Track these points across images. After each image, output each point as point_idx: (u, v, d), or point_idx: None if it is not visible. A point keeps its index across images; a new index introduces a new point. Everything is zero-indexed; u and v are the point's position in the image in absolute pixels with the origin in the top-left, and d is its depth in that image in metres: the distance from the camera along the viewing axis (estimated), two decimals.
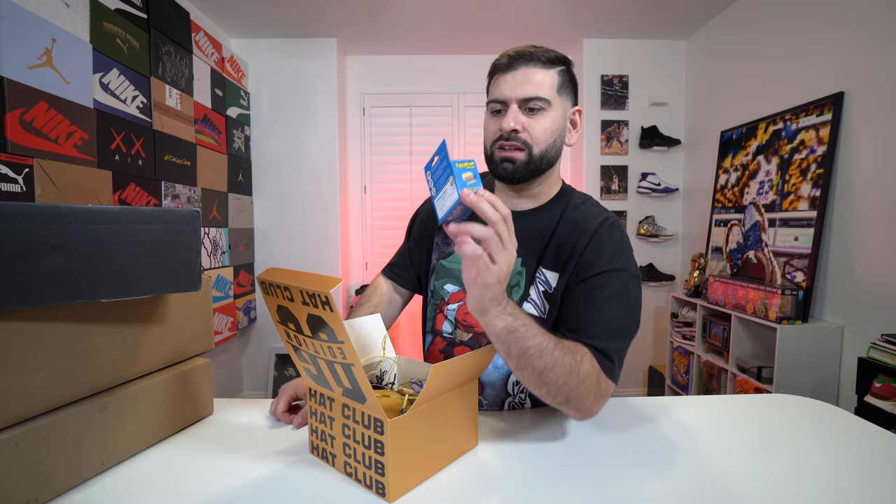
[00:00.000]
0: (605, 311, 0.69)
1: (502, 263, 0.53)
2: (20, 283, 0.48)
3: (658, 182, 2.88)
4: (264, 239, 2.90)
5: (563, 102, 0.78)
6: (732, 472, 0.61)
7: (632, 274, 0.73)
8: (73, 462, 0.56)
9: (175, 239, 0.62)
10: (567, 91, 0.78)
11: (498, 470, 0.62)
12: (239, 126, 2.69)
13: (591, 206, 0.81)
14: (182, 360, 0.76)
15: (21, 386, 0.51)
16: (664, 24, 2.68)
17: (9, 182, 1.26)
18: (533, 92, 0.74)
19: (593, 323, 0.69)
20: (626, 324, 0.71)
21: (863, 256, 1.68)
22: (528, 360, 0.59)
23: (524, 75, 0.74)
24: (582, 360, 0.63)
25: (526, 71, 0.74)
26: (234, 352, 2.82)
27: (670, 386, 2.61)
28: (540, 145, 0.76)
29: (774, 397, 0.89)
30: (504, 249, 0.52)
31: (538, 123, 0.75)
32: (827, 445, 0.69)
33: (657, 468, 0.62)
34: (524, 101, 0.74)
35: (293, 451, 0.67)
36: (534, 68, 0.75)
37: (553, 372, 0.60)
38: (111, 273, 0.56)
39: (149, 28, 1.88)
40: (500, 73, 0.77)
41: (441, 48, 3.00)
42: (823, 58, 1.87)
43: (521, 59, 0.75)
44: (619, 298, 0.71)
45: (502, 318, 0.57)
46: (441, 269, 0.89)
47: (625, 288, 0.71)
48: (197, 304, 0.78)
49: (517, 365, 0.60)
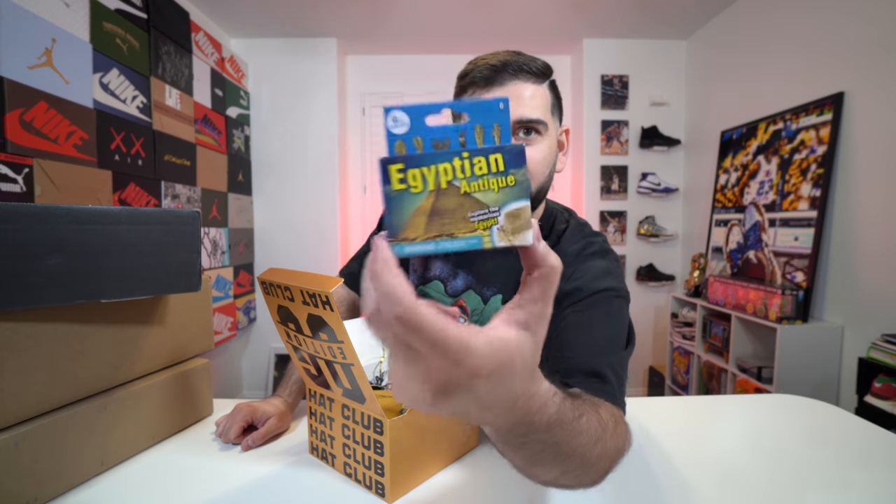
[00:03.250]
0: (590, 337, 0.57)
1: (413, 384, 0.25)
2: (20, 283, 0.48)
3: (658, 182, 2.88)
4: (264, 239, 2.90)
5: (555, 123, 0.66)
6: (732, 472, 0.61)
7: (618, 294, 0.62)
8: (73, 462, 0.56)
9: (175, 239, 0.62)
10: (557, 109, 0.66)
11: (498, 470, 0.62)
12: (239, 126, 2.69)
13: (573, 233, 0.70)
14: (182, 360, 0.76)
15: (21, 386, 0.51)
16: (664, 24, 2.68)
17: (9, 182, 1.26)
18: (529, 113, 0.60)
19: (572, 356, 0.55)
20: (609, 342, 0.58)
21: (863, 256, 1.68)
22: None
23: (515, 91, 0.60)
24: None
25: (516, 86, 0.60)
26: (234, 352, 2.82)
27: (670, 386, 2.61)
28: (538, 179, 0.63)
29: (774, 397, 0.89)
30: (419, 361, 0.24)
31: (535, 153, 0.61)
32: (827, 445, 0.69)
33: (657, 468, 0.62)
34: (517, 124, 0.60)
35: (293, 451, 0.67)
36: (524, 82, 0.60)
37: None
38: (111, 273, 0.56)
39: (149, 28, 1.88)
40: (478, 87, 0.61)
41: (441, 48, 3.00)
42: (823, 58, 1.87)
43: (507, 71, 0.60)
44: (604, 321, 0.59)
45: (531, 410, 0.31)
46: (421, 296, 0.79)
47: (614, 310, 0.61)
48: (197, 305, 0.78)
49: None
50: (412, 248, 0.24)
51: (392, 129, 0.25)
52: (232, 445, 0.69)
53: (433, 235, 0.24)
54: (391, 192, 0.24)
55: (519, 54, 0.62)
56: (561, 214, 0.74)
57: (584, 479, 0.39)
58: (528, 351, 0.25)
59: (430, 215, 0.24)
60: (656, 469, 0.62)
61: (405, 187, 0.24)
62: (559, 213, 0.74)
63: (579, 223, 0.73)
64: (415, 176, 0.24)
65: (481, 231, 0.24)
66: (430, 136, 0.25)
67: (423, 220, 0.24)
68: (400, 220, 0.24)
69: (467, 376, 0.23)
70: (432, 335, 0.22)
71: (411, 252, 0.24)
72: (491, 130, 0.25)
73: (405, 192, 0.24)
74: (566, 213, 0.75)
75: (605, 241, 0.70)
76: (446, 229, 0.24)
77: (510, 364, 0.24)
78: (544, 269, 0.26)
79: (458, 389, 0.24)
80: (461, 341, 0.22)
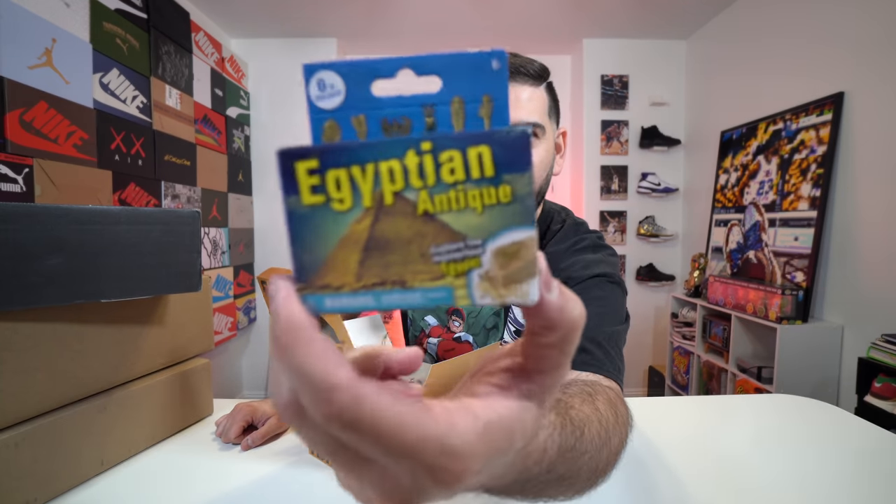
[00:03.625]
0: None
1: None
2: (20, 283, 0.48)
3: (658, 182, 2.88)
4: (264, 239, 2.90)
5: (552, 126, 0.65)
6: (732, 472, 0.61)
7: (610, 280, 0.61)
8: (73, 462, 0.56)
9: (175, 239, 0.62)
10: (554, 112, 0.65)
11: None
12: (239, 126, 2.69)
13: (566, 232, 0.69)
14: (182, 360, 0.76)
15: (21, 386, 0.51)
16: (664, 24, 2.68)
17: (9, 182, 1.26)
18: (527, 117, 0.59)
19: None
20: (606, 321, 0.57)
21: (863, 256, 1.68)
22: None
23: (512, 94, 0.58)
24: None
25: (513, 88, 0.59)
26: (234, 352, 2.82)
27: (670, 386, 2.61)
28: (536, 184, 0.62)
29: (774, 397, 0.89)
30: (372, 469, 0.17)
31: (533, 158, 0.63)
32: (827, 445, 0.69)
33: (657, 468, 0.62)
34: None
35: (293, 451, 0.67)
36: (521, 84, 0.59)
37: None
38: (111, 273, 0.56)
39: (149, 28, 1.88)
40: None
41: (441, 48, 2.99)
42: (823, 57, 1.87)
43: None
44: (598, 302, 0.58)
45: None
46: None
47: (602, 293, 0.59)
48: (197, 305, 0.78)
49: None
50: (336, 300, 0.15)
51: (318, 102, 0.16)
52: (232, 445, 0.69)
53: (371, 283, 0.14)
54: (299, 208, 0.14)
55: (516, 56, 0.61)
56: (558, 215, 0.73)
57: (592, 486, 0.36)
58: (530, 424, 0.19)
59: (366, 249, 0.14)
60: (656, 469, 0.62)
61: (322, 200, 0.14)
62: (556, 214, 0.73)
63: (575, 222, 0.72)
64: (339, 181, 0.14)
65: (452, 279, 0.14)
66: (379, 112, 0.16)
67: (353, 257, 0.14)
68: (315, 256, 0.15)
69: (447, 483, 0.15)
70: (391, 437, 0.14)
71: (335, 307, 0.15)
72: (477, 107, 0.16)
73: (323, 209, 0.14)
74: (563, 213, 0.74)
75: (601, 238, 0.69)
76: (392, 274, 0.14)
77: (508, 448, 0.17)
78: (562, 332, 0.17)
79: (437, 495, 0.16)
80: (439, 440, 0.14)
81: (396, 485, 0.16)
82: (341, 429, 0.14)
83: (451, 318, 0.76)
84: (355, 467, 0.16)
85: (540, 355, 0.18)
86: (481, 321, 0.74)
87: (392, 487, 0.16)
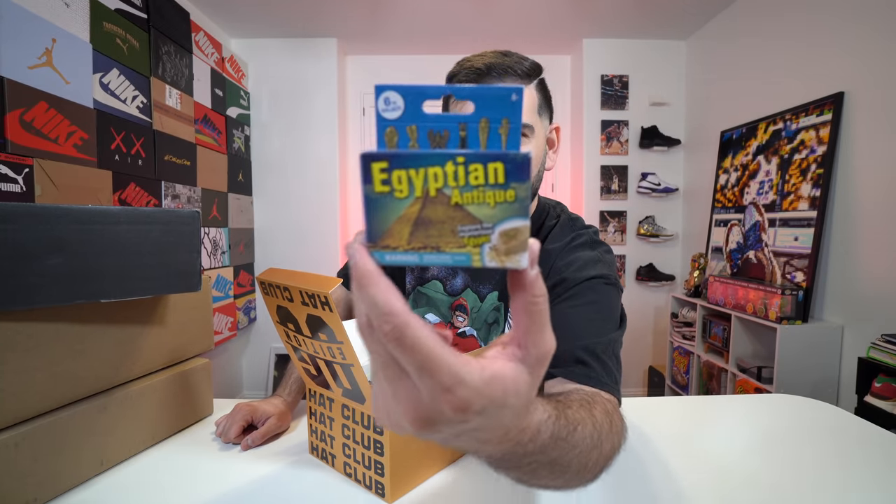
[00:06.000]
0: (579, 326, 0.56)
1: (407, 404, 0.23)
2: (20, 284, 0.48)
3: (658, 182, 2.88)
4: (264, 239, 2.90)
5: (543, 123, 0.66)
6: (732, 472, 0.61)
7: (607, 281, 0.62)
8: (73, 462, 0.56)
9: (175, 239, 0.62)
10: (545, 109, 0.66)
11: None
12: (239, 126, 2.69)
13: (562, 228, 0.70)
14: (182, 360, 0.76)
15: (21, 386, 0.51)
16: (664, 24, 2.68)
17: (9, 182, 1.26)
18: None
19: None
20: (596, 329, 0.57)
21: (863, 256, 1.68)
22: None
23: None
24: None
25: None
26: (234, 352, 2.82)
27: (670, 386, 2.61)
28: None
29: (774, 397, 0.89)
30: (405, 382, 0.22)
31: None
32: (827, 445, 0.69)
33: (657, 468, 0.62)
34: None
35: (293, 451, 0.67)
36: (511, 85, 0.61)
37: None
38: (111, 273, 0.56)
39: (149, 28, 1.88)
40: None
41: (441, 48, 2.99)
42: (823, 58, 1.87)
43: (491, 75, 0.60)
44: (591, 307, 0.59)
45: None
46: (419, 297, 0.80)
47: (598, 297, 0.60)
48: (197, 305, 0.78)
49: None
50: (393, 256, 0.21)
51: (383, 113, 0.22)
52: (232, 445, 0.69)
53: (417, 247, 0.21)
54: (372, 194, 0.21)
55: (506, 55, 0.61)
56: (553, 210, 0.74)
57: (581, 482, 0.40)
58: (523, 387, 0.23)
59: (415, 224, 0.21)
60: (656, 469, 0.62)
61: (388, 190, 0.21)
62: (550, 209, 0.74)
63: (570, 217, 0.73)
64: (400, 178, 0.21)
65: (470, 248, 0.21)
66: (427, 125, 0.22)
67: (406, 229, 0.21)
68: (380, 226, 0.21)
69: (454, 409, 0.21)
70: (423, 356, 0.20)
71: (392, 261, 0.22)
72: (497, 127, 0.22)
73: (388, 196, 0.21)
74: (557, 208, 0.75)
75: (596, 233, 0.69)
76: (431, 242, 0.21)
77: (503, 401, 0.22)
78: (531, 299, 0.23)
79: (443, 420, 0.22)
80: (452, 369, 0.20)
81: (419, 400, 0.21)
82: (392, 342, 0.20)
83: (456, 314, 0.77)
84: (395, 380, 0.22)
85: (518, 321, 0.23)
86: (483, 316, 0.75)
87: (416, 401, 0.22)
